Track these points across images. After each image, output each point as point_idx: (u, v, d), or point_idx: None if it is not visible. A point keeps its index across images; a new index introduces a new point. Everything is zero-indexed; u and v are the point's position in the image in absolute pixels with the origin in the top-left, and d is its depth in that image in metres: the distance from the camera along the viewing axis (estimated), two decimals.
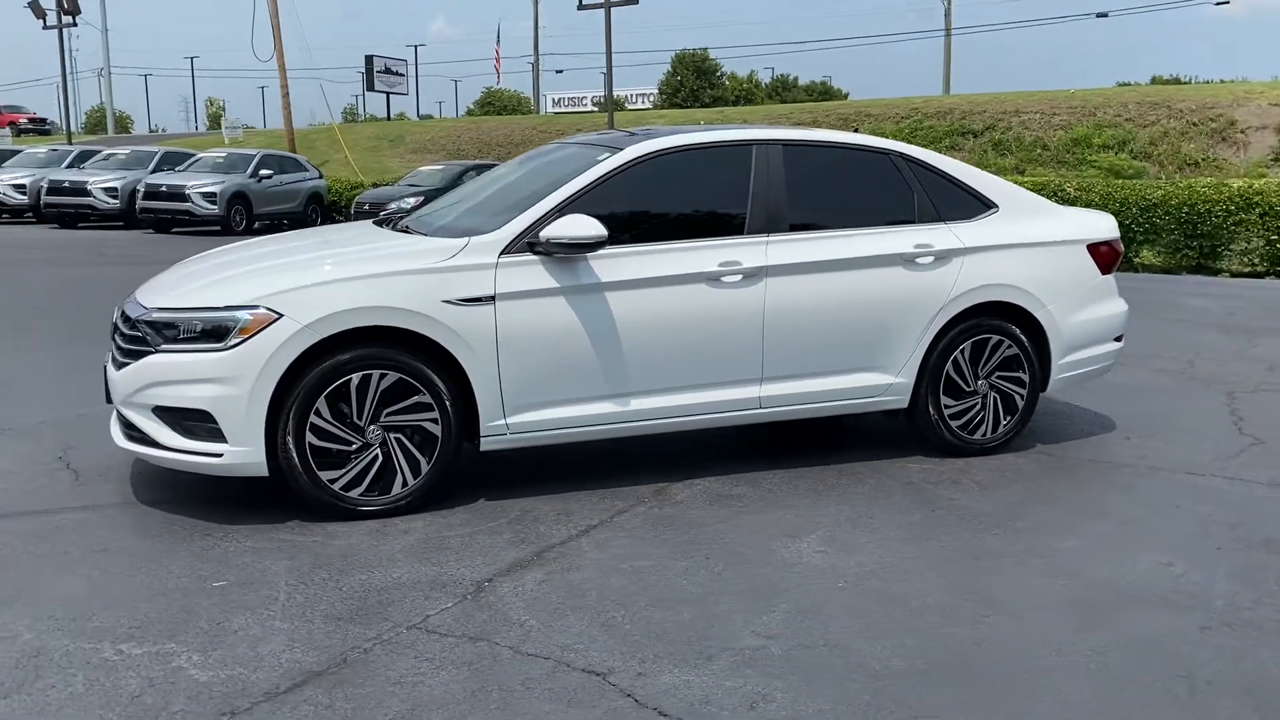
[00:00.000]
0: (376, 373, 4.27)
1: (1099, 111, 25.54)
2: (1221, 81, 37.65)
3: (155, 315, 4.29)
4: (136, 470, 4.95)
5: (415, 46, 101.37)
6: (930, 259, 5.11)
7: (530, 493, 4.70)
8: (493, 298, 4.40)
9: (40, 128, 50.05)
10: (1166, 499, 4.76)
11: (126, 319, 4.48)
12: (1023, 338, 5.32)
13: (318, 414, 4.22)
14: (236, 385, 4.12)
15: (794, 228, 4.94)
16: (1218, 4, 41.17)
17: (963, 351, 5.22)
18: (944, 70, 45.59)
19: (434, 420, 4.38)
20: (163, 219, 19.97)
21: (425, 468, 4.40)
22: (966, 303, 5.16)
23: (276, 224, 21.75)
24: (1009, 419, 5.38)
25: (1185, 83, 41.74)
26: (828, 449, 5.46)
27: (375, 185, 21.85)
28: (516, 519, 4.39)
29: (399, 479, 4.37)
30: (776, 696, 2.98)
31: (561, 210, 4.56)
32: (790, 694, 3.00)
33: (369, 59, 55.21)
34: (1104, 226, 5.65)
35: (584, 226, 4.39)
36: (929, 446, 5.39)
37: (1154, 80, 45.26)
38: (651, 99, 58.22)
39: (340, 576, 3.78)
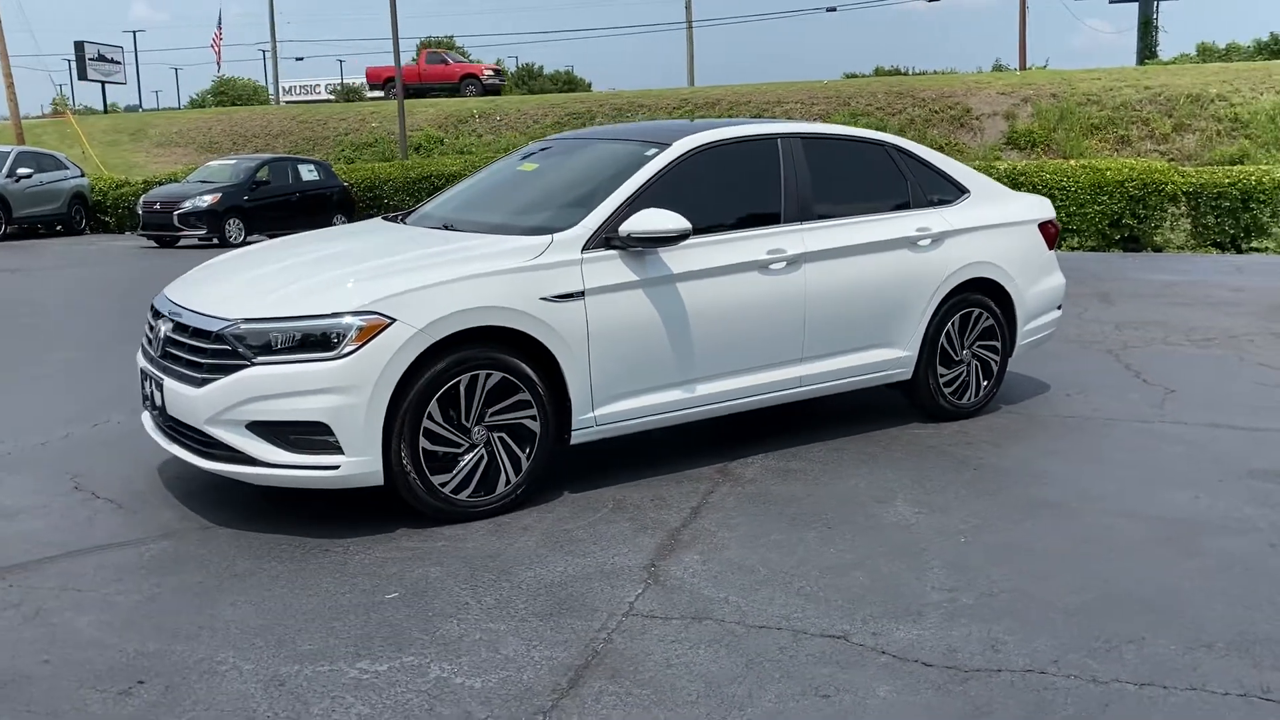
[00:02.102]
0: (483, 373, 4.26)
1: (853, 101, 27.42)
2: (936, 72, 41.17)
3: (245, 327, 4.08)
4: (181, 492, 4.66)
5: (134, 32, 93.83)
6: (929, 241, 5.58)
7: (604, 483, 4.80)
8: (582, 293, 4.47)
9: (497, 80, 37.80)
10: (1144, 444, 5.45)
11: (197, 331, 4.21)
12: (996, 309, 5.91)
13: (430, 418, 4.17)
14: (354, 394, 4.00)
15: (819, 216, 5.28)
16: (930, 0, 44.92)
17: (953, 324, 5.74)
18: (688, 62, 47.18)
19: (532, 417, 4.41)
20: None
21: (525, 465, 4.42)
22: (957, 280, 5.68)
23: (33, 228, 19.88)
24: (987, 384, 5.96)
25: (905, 73, 45.28)
26: (837, 422, 5.84)
27: (148, 184, 20.36)
28: (616, 509, 4.49)
29: (503, 478, 4.37)
30: (1006, 639, 3.31)
31: (631, 205, 4.68)
32: (1015, 635, 3.34)
33: (79, 45, 50.83)
34: (1047, 207, 6.34)
35: (667, 220, 4.54)
36: (916, 413, 5.89)
37: (877, 71, 48.74)
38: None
39: (507, 576, 3.78)
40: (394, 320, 4.06)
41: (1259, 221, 16.55)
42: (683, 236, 4.58)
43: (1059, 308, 6.43)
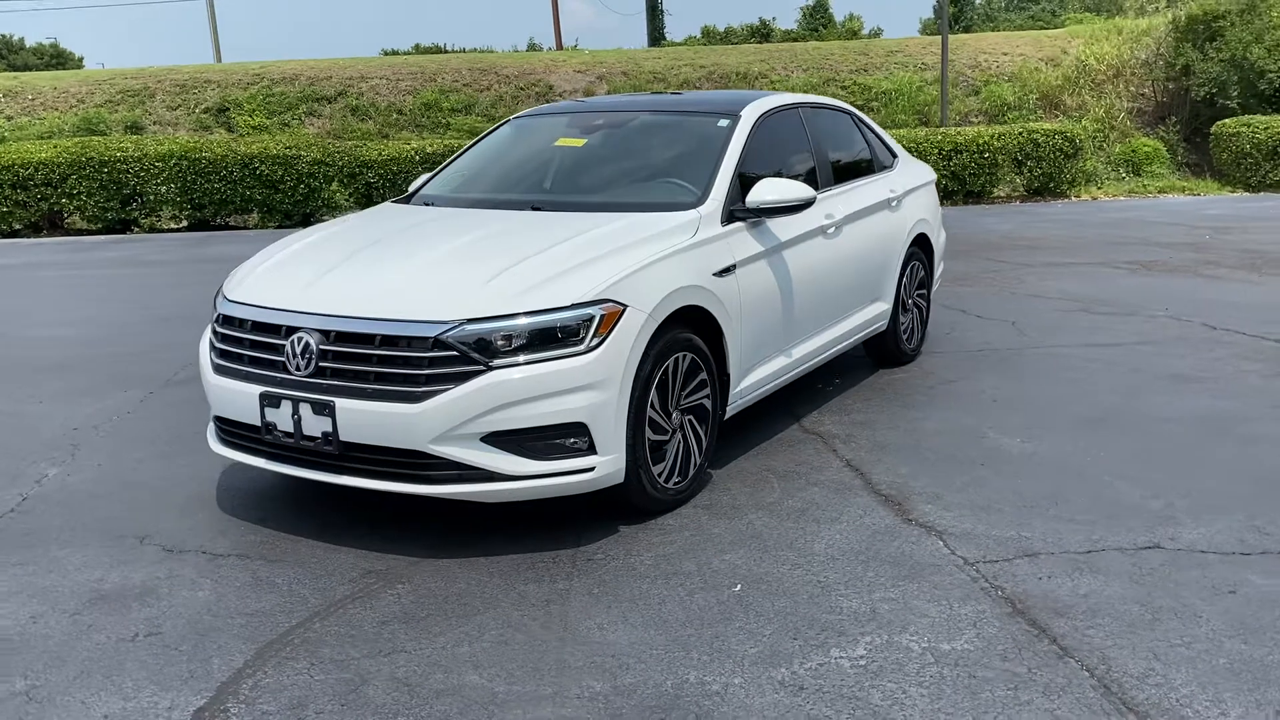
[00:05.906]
0: (681, 355, 4.08)
1: (439, 77, 27.26)
2: (475, 50, 41.92)
3: (471, 328, 3.56)
4: (302, 531, 3.96)
5: None
6: (896, 202, 6.07)
7: (725, 457, 4.76)
8: (734, 267, 4.41)
9: None
10: (1069, 365, 6.35)
11: (388, 339, 3.59)
12: (926, 261, 6.56)
13: (652, 406, 3.93)
14: (607, 388, 3.67)
15: (835, 180, 5.55)
16: None
17: (906, 276, 6.29)
18: (212, 36, 43.72)
19: (707, 396, 4.29)
20: None
21: (705, 445, 4.30)
22: (912, 235, 6.23)
23: None
24: (922, 328, 6.60)
25: (445, 51, 45.51)
26: (830, 376, 6.16)
27: None
28: (780, 478, 4.49)
29: (693, 460, 4.23)
30: (1260, 525, 3.87)
31: (738, 176, 4.66)
32: (1260, 521, 3.90)
33: None
34: (931, 170, 7.08)
35: (793, 189, 4.57)
36: (868, 362, 6.41)
37: (416, 48, 48.45)
38: None
39: (801, 551, 3.73)
40: (626, 306, 3.77)
41: None
42: (809, 204, 4.64)
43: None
